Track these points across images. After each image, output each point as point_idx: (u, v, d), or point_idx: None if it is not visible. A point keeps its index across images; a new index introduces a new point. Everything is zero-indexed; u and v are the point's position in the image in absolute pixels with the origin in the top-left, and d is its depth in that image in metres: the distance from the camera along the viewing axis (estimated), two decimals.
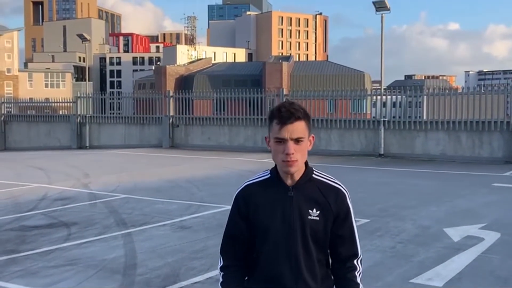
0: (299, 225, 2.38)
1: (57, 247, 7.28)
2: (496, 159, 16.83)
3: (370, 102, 21.83)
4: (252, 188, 2.49)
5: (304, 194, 2.41)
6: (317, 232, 2.39)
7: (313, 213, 2.39)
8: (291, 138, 2.35)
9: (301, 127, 2.37)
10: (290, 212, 2.39)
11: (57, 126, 26.55)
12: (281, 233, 2.39)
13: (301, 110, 2.38)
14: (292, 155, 2.35)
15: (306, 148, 2.41)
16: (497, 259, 6.63)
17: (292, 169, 2.38)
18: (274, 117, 2.41)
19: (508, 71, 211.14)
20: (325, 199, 2.41)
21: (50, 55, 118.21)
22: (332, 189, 2.44)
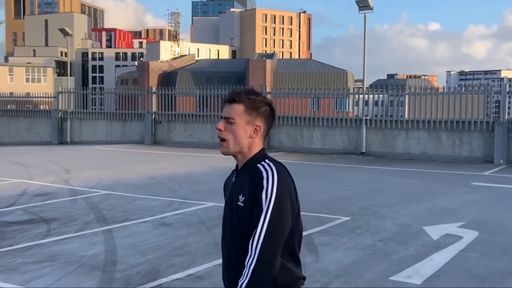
0: (230, 211, 2.43)
1: (36, 243, 7.22)
2: (476, 158, 17.04)
3: (353, 101, 21.96)
4: (230, 174, 2.61)
5: (241, 179, 2.43)
6: (243, 219, 2.34)
7: (240, 199, 2.38)
8: (224, 116, 2.43)
9: (236, 109, 2.40)
10: (228, 198, 2.47)
11: (38, 121, 26.28)
12: (223, 219, 2.49)
13: (244, 96, 2.40)
14: (220, 131, 2.40)
15: (240, 131, 2.40)
16: (475, 257, 6.71)
17: (221, 149, 2.45)
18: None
19: (489, 71, 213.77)
20: (250, 185, 2.36)
21: (31, 50, 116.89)
22: (259, 173, 2.37)
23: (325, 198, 10.63)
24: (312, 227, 8.08)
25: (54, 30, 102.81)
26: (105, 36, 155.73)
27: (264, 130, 2.47)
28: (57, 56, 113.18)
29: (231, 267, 2.41)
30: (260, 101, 2.45)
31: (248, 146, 2.43)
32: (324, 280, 5.83)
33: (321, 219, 8.64)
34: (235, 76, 75.60)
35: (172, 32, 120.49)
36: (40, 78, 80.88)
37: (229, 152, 2.44)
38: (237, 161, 2.48)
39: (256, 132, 2.44)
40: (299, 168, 15.69)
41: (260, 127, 2.45)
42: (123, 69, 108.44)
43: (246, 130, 2.41)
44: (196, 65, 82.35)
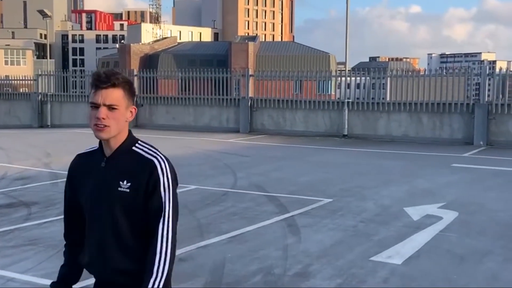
0: (106, 197, 2.36)
1: (17, 227, 7.16)
2: (456, 140, 17.21)
3: (335, 84, 21.98)
4: (80, 158, 2.53)
5: (117, 165, 2.38)
6: (127, 204, 2.35)
7: (123, 185, 2.35)
8: (104, 103, 2.32)
9: (116, 94, 2.34)
10: (100, 183, 2.39)
11: (17, 104, 25.94)
12: (94, 204, 2.40)
13: (120, 78, 2.35)
14: (103, 119, 2.32)
15: (122, 117, 2.36)
16: (454, 237, 6.81)
17: (102, 135, 2.36)
18: (92, 82, 2.37)
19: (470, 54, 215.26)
20: (136, 171, 2.36)
21: (10, 32, 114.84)
22: (146, 160, 2.39)
23: (307, 180, 10.68)
24: (294, 209, 8.13)
25: (33, 12, 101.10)
26: (85, 18, 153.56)
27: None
28: (37, 39, 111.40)
29: (104, 249, 2.37)
30: (131, 83, 2.43)
31: (123, 130, 2.41)
32: (306, 261, 5.88)
33: (303, 201, 8.69)
34: (217, 59, 75.19)
35: (153, 14, 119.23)
36: (19, 61, 79.67)
37: (109, 137, 2.38)
38: (107, 144, 2.41)
39: (132, 115, 2.43)
40: (281, 150, 15.73)
41: (136, 109, 2.45)
42: (104, 51, 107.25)
43: (125, 115, 2.38)
44: (178, 48, 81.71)
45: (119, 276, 2.37)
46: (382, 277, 5.46)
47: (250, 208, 8.27)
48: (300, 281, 5.36)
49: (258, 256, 6.03)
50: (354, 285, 5.26)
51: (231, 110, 21.03)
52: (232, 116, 20.99)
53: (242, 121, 20.53)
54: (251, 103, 20.47)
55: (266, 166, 12.38)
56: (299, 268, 5.69)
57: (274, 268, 5.66)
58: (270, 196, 9.09)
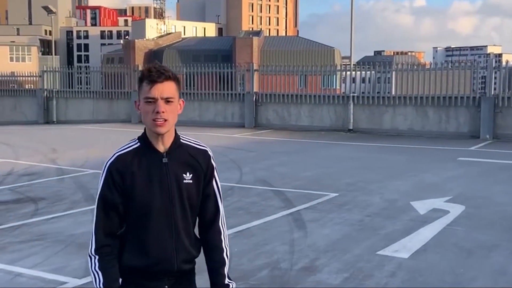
0: (177, 190, 2.41)
1: (24, 222, 7.19)
2: (462, 134, 17.15)
3: (340, 78, 21.93)
4: (125, 158, 2.45)
5: (177, 159, 2.43)
6: (192, 195, 2.45)
7: (187, 177, 2.43)
8: (162, 97, 2.34)
9: (170, 86, 2.37)
10: (167, 178, 2.40)
11: (23, 100, 26.00)
12: (160, 200, 2.40)
13: (170, 72, 2.39)
14: (163, 113, 2.34)
15: (176, 110, 2.41)
16: (461, 231, 6.80)
17: (163, 129, 2.37)
18: (144, 77, 2.38)
19: (475, 47, 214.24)
20: (195, 161, 2.46)
21: (14, 28, 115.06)
22: (200, 150, 2.50)
23: (313, 174, 10.67)
24: (300, 204, 8.13)
25: (38, 8, 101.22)
26: (89, 14, 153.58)
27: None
28: (41, 35, 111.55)
29: (177, 242, 2.43)
30: (178, 76, 2.45)
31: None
32: (313, 256, 5.88)
33: (309, 196, 8.68)
34: (222, 54, 75.10)
35: (157, 9, 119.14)
36: (24, 57, 79.86)
37: (167, 131, 2.40)
38: (160, 139, 2.40)
39: (181, 108, 2.46)
40: (287, 145, 15.72)
41: (183, 102, 2.49)
42: (108, 47, 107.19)
43: (177, 107, 2.42)
44: (182, 43, 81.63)
45: (186, 264, 2.48)
46: (389, 271, 5.46)
47: (256, 202, 8.27)
48: (306, 275, 5.36)
49: (265, 250, 6.04)
50: (361, 279, 5.26)
51: (236, 105, 21.02)
52: (237, 111, 20.98)
53: (247, 116, 20.51)
54: (256, 98, 20.45)
55: (272, 161, 12.37)
56: (306, 262, 5.69)
57: (281, 263, 5.66)
58: (276, 190, 9.08)
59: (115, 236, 2.43)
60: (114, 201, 2.40)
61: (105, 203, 2.41)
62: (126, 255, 2.43)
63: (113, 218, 2.42)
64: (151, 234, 2.41)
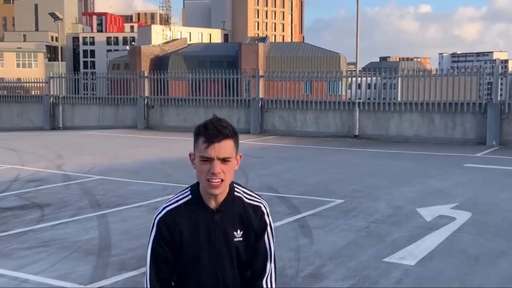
0: (226, 249, 2.35)
1: (30, 228, 7.20)
2: (469, 140, 17.09)
3: (346, 84, 21.92)
4: (173, 213, 2.37)
5: (228, 216, 2.34)
6: (241, 252, 2.37)
7: (237, 235, 2.35)
8: (218, 157, 2.24)
9: (228, 146, 2.27)
10: (216, 237, 2.33)
11: (29, 106, 26.11)
12: (208, 258, 2.34)
13: (229, 128, 2.29)
14: (218, 174, 2.25)
15: (233, 168, 2.31)
16: (468, 238, 6.76)
17: (218, 191, 2.28)
18: (200, 134, 2.29)
19: (481, 53, 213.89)
20: (246, 218, 2.37)
21: (21, 34, 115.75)
22: (253, 207, 2.40)
23: (319, 181, 10.66)
24: (306, 210, 8.11)
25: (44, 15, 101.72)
26: (96, 21, 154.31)
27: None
28: (48, 41, 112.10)
29: None
30: (236, 130, 2.37)
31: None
32: (318, 262, 5.86)
33: (315, 202, 8.66)
34: (227, 60, 75.24)
35: (163, 16, 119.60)
36: (31, 63, 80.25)
37: (221, 192, 2.32)
38: (213, 197, 2.33)
39: (237, 164, 2.37)
40: (292, 151, 15.71)
41: (241, 157, 2.39)
42: (114, 53, 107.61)
43: (234, 165, 2.34)
44: (188, 49, 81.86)
45: None
46: (395, 278, 5.43)
47: None
48: (312, 282, 5.34)
49: None
50: (367, 286, 5.23)
51: (241, 111, 21.03)
52: (242, 117, 20.99)
53: (252, 122, 20.52)
54: (261, 104, 20.46)
55: (277, 167, 12.36)
56: (312, 269, 5.67)
57: (287, 269, 5.64)
58: (281, 197, 9.07)
59: (169, 285, 2.41)
60: (164, 255, 2.36)
61: (156, 256, 2.38)
62: None
63: (165, 269, 2.38)
64: None
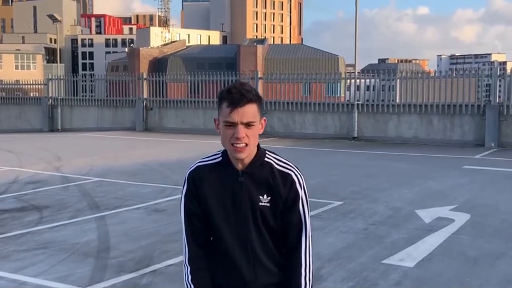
0: (250, 211, 2.30)
1: (29, 230, 7.19)
2: (467, 142, 17.10)
3: (344, 86, 21.93)
4: (202, 170, 2.39)
5: (254, 179, 2.30)
6: (268, 218, 2.31)
7: (263, 199, 2.29)
8: (242, 122, 2.23)
9: (252, 110, 2.24)
10: (241, 198, 2.29)
11: (28, 108, 26.09)
12: (233, 220, 2.31)
13: (253, 92, 2.25)
14: (243, 138, 2.23)
15: (257, 132, 2.29)
16: (467, 240, 6.76)
17: (243, 155, 2.26)
18: (224, 98, 2.27)
19: (479, 55, 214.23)
20: (274, 184, 2.31)
21: (20, 36, 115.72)
22: (282, 174, 2.34)
23: (317, 182, 10.65)
24: None
25: (43, 17, 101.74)
26: (94, 22, 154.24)
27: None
28: (47, 43, 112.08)
29: (256, 262, 2.34)
30: (260, 95, 2.32)
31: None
32: (318, 264, 5.85)
33: (314, 204, 8.63)
34: (226, 61, 75.27)
35: (162, 17, 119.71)
36: (29, 65, 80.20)
37: (246, 156, 2.29)
38: (240, 161, 2.31)
39: (262, 127, 2.33)
40: (291, 153, 15.70)
41: (265, 120, 2.35)
42: (113, 55, 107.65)
43: (259, 129, 2.31)
44: (187, 51, 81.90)
45: (271, 286, 2.37)
46: (394, 280, 5.43)
47: None
48: None
49: None
50: None
51: None
52: None
53: None
54: None
55: None
56: None
57: None
58: None
59: (205, 246, 2.37)
60: (195, 211, 2.35)
61: (188, 212, 2.37)
62: (213, 271, 2.38)
63: (199, 227, 2.36)
64: (228, 256, 2.34)
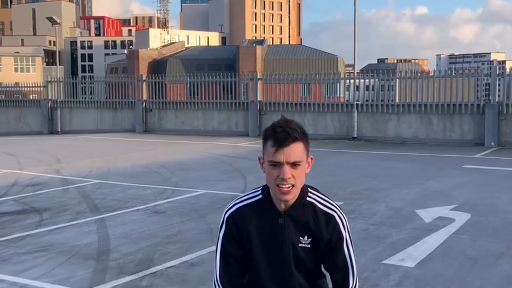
0: (291, 253, 2.24)
1: (29, 233, 7.18)
2: (467, 141, 17.10)
3: (344, 86, 21.93)
4: (242, 211, 2.31)
5: (295, 220, 2.24)
6: (306, 259, 2.26)
7: (304, 241, 2.24)
8: (288, 161, 2.16)
9: (298, 149, 2.19)
10: (281, 240, 2.23)
11: (27, 111, 26.09)
12: (273, 261, 2.25)
13: (298, 130, 2.20)
14: (289, 179, 2.16)
15: (304, 172, 2.22)
16: (467, 239, 6.75)
17: (288, 197, 2.19)
18: (268, 137, 2.22)
19: (479, 54, 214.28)
20: (316, 226, 2.25)
21: (19, 39, 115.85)
22: (325, 214, 2.29)
23: (317, 183, 10.57)
24: None
25: (42, 19, 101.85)
26: (93, 25, 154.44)
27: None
28: (46, 45, 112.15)
29: None
30: (306, 132, 2.27)
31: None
32: None
33: None
34: (225, 63, 75.34)
35: (161, 19, 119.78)
36: (28, 68, 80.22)
37: (292, 198, 2.21)
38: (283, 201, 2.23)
39: (309, 167, 2.27)
40: None
41: (312, 159, 2.29)
42: (112, 57, 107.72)
43: (305, 168, 2.24)
44: (186, 52, 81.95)
45: None
46: (395, 280, 5.42)
47: None
48: None
49: None
50: None
51: (240, 114, 21.03)
52: (241, 120, 20.99)
53: (251, 125, 20.52)
54: (259, 107, 20.47)
55: None
56: None
57: None
58: None
59: (239, 285, 2.33)
60: (233, 253, 2.31)
61: (225, 253, 2.33)
62: None
63: (236, 269, 2.31)
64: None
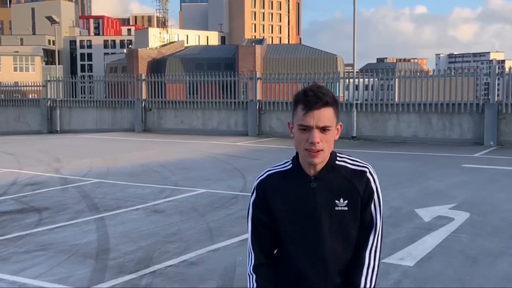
0: (327, 218, 2.20)
1: (28, 232, 7.18)
2: (466, 140, 17.11)
3: (343, 85, 21.93)
4: (273, 178, 2.29)
5: (328, 183, 2.21)
6: (347, 223, 2.22)
7: (340, 204, 2.21)
8: (317, 126, 2.14)
9: (328, 114, 2.15)
10: (315, 205, 2.20)
11: (26, 110, 26.08)
12: (305, 228, 2.21)
13: (329, 95, 2.16)
14: (318, 144, 2.14)
15: (333, 138, 2.20)
16: (466, 239, 6.76)
17: (316, 160, 2.17)
18: (299, 101, 2.17)
19: (478, 54, 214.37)
20: (351, 185, 2.23)
21: (18, 38, 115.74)
22: (357, 172, 2.28)
23: None
24: None
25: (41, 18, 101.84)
26: (93, 24, 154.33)
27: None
28: (45, 45, 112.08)
29: (327, 272, 2.25)
30: (337, 98, 2.23)
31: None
32: None
33: None
34: (225, 62, 75.31)
35: (160, 18, 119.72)
36: (28, 67, 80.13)
37: (321, 161, 2.20)
38: (313, 166, 2.22)
39: (338, 133, 2.25)
40: (291, 153, 15.66)
41: (341, 126, 2.27)
42: (111, 56, 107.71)
43: (334, 134, 2.22)
44: (185, 52, 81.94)
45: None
46: (394, 279, 5.42)
47: None
48: None
49: None
50: None
51: (239, 113, 21.03)
52: (240, 120, 20.99)
53: (250, 124, 20.52)
54: (259, 106, 20.46)
55: None
56: None
57: None
58: None
59: (271, 256, 2.31)
60: (262, 220, 2.28)
61: (254, 220, 2.30)
62: (279, 282, 2.30)
63: (266, 236, 2.29)
64: (296, 266, 2.25)
